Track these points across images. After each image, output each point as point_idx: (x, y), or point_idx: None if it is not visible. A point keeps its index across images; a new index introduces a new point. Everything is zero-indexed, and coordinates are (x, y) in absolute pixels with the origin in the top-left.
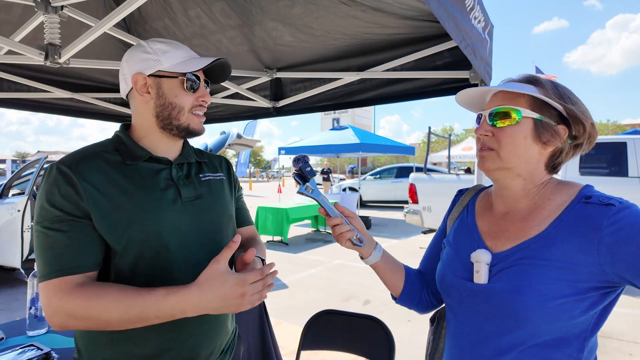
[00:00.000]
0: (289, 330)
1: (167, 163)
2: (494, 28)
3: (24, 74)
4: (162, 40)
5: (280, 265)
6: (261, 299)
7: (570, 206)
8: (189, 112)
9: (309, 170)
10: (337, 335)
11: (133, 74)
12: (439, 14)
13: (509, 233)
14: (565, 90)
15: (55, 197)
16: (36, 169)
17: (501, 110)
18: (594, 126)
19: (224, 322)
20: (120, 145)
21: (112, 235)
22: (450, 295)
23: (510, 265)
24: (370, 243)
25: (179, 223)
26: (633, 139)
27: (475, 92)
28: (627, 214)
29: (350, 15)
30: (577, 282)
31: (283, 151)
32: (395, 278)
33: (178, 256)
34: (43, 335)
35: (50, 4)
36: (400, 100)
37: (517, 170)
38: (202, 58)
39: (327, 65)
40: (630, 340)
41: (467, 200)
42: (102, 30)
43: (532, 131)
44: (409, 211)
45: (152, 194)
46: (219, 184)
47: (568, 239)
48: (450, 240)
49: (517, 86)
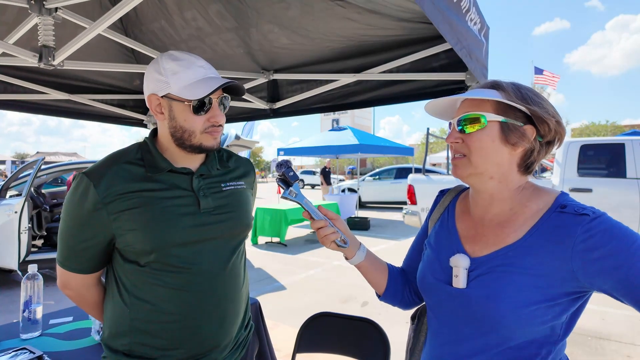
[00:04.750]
0: (285, 333)
1: (189, 173)
2: (489, 30)
3: (20, 75)
4: (176, 56)
5: (278, 266)
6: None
7: (547, 215)
8: (201, 134)
9: (292, 175)
10: (333, 338)
11: (148, 95)
12: (432, 16)
13: (487, 238)
14: (528, 91)
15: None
16: (33, 171)
17: (468, 117)
18: (559, 124)
19: (239, 315)
20: (146, 155)
21: (131, 246)
22: (430, 297)
23: (487, 271)
24: (354, 244)
25: (196, 233)
26: (631, 140)
27: (444, 102)
28: (599, 222)
29: (346, 18)
30: (550, 288)
31: (282, 152)
32: (379, 277)
33: (193, 265)
34: (36, 338)
35: (44, 5)
36: (396, 102)
37: (489, 174)
38: (212, 79)
39: (324, 66)
40: (629, 342)
41: (448, 201)
42: (97, 32)
43: (499, 134)
44: (407, 212)
45: (170, 204)
46: (241, 193)
47: (543, 247)
48: (431, 242)
49: (481, 92)
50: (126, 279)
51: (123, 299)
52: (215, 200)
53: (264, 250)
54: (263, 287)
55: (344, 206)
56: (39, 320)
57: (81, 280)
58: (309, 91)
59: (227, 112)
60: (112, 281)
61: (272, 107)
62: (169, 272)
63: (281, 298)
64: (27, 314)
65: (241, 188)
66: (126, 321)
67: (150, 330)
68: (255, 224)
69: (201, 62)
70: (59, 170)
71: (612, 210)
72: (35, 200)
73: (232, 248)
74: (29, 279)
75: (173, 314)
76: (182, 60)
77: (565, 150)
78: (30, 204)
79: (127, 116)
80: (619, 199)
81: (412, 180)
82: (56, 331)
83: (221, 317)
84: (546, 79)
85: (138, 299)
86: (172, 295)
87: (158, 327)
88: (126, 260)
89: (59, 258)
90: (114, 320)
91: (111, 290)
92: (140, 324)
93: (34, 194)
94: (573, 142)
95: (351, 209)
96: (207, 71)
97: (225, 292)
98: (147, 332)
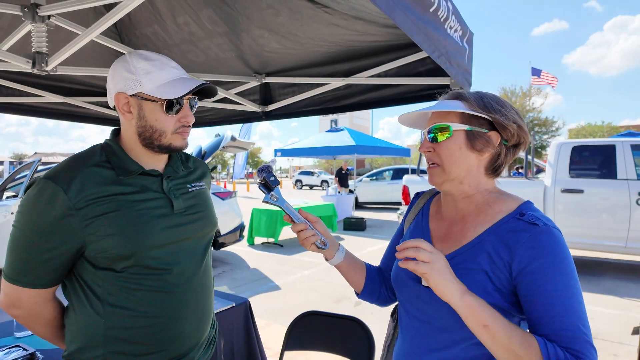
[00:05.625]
0: (276, 332)
1: (158, 175)
2: (473, 35)
3: (14, 78)
4: (147, 56)
5: (273, 267)
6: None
7: (505, 219)
8: (172, 134)
9: (273, 179)
10: (320, 336)
11: (115, 93)
12: (405, 27)
13: (454, 236)
14: (490, 99)
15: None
16: (30, 171)
17: (436, 127)
18: (521, 128)
19: (211, 313)
20: (112, 157)
21: (107, 252)
22: (402, 293)
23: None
24: (334, 245)
25: (172, 234)
26: (622, 142)
27: (414, 115)
28: (544, 236)
29: (332, 24)
30: (502, 288)
31: (279, 153)
32: (357, 276)
33: (172, 266)
34: (30, 336)
35: (37, 13)
36: (385, 105)
37: (459, 179)
38: (186, 80)
39: (314, 70)
40: (616, 340)
41: (422, 203)
42: (90, 38)
43: (465, 141)
44: (402, 212)
45: (144, 207)
46: (204, 193)
47: (496, 248)
48: None
49: (445, 105)
50: (98, 287)
51: (94, 308)
52: (185, 201)
53: (259, 251)
54: (258, 287)
55: (341, 207)
56: None
57: (36, 296)
58: (300, 94)
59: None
60: (78, 292)
61: (264, 110)
62: (148, 274)
63: (275, 298)
64: None
65: (204, 188)
66: (99, 331)
67: (128, 337)
68: (251, 225)
69: (173, 64)
70: None
71: (603, 210)
72: None
73: (203, 247)
74: None
75: (154, 317)
76: (154, 61)
77: (558, 151)
78: None
79: None
80: (610, 199)
81: (407, 182)
82: None
83: (199, 315)
84: (544, 80)
85: (114, 306)
86: (153, 298)
87: (138, 332)
88: (98, 267)
89: (10, 274)
90: (83, 333)
91: (77, 301)
92: (117, 332)
93: None
94: (565, 143)
95: (348, 210)
96: (179, 72)
97: (202, 290)
98: (125, 339)
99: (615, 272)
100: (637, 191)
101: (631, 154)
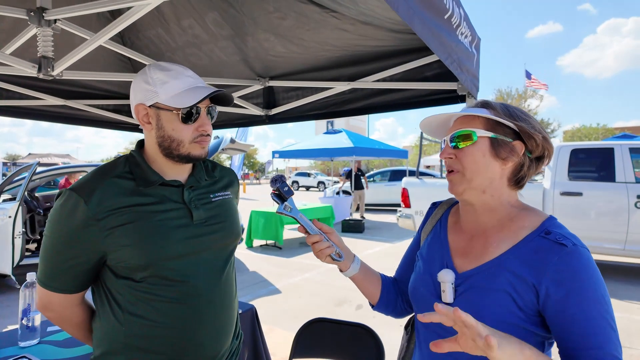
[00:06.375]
0: (281, 337)
1: (179, 186)
2: (480, 40)
3: (15, 81)
4: (164, 67)
5: (273, 269)
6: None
7: (530, 236)
8: (190, 143)
9: (287, 190)
10: (328, 344)
11: (135, 104)
12: (423, 35)
13: (475, 252)
14: (515, 109)
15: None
16: (28, 175)
17: (460, 134)
18: (546, 140)
19: (232, 324)
20: (135, 168)
21: (125, 262)
22: (419, 308)
23: (470, 287)
24: (349, 257)
25: (190, 245)
26: (620, 145)
27: (437, 119)
28: (572, 258)
29: (340, 28)
30: (526, 308)
31: (277, 154)
32: (373, 288)
33: (189, 278)
34: (35, 346)
35: (43, 17)
36: (390, 110)
37: (481, 188)
38: (201, 89)
39: (319, 74)
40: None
41: (440, 214)
42: (98, 44)
43: (489, 149)
44: (401, 215)
45: (162, 218)
46: (229, 203)
47: (520, 267)
48: (423, 254)
49: (471, 110)
50: (119, 295)
51: (116, 316)
52: (206, 211)
53: (258, 254)
54: (258, 291)
55: (339, 209)
56: (38, 327)
57: (64, 301)
58: (304, 98)
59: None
60: (103, 299)
61: (268, 114)
62: (166, 285)
63: (276, 301)
64: (25, 321)
65: (228, 198)
66: (120, 339)
67: (146, 346)
68: (250, 227)
69: (189, 73)
70: (52, 174)
71: (601, 213)
72: (29, 204)
73: (225, 258)
74: (27, 287)
75: (171, 328)
76: (170, 71)
77: (557, 154)
78: (24, 208)
79: (123, 121)
80: (608, 202)
81: (406, 184)
82: (54, 338)
83: (218, 327)
84: (534, 84)
85: (133, 315)
86: (170, 309)
87: (155, 342)
88: (119, 276)
89: (41, 278)
90: (107, 339)
91: (102, 308)
92: (136, 340)
93: (28, 197)
94: (564, 146)
95: (346, 212)
96: (195, 81)
97: (221, 302)
98: (144, 348)
99: (614, 275)
100: (636, 194)
101: (629, 157)
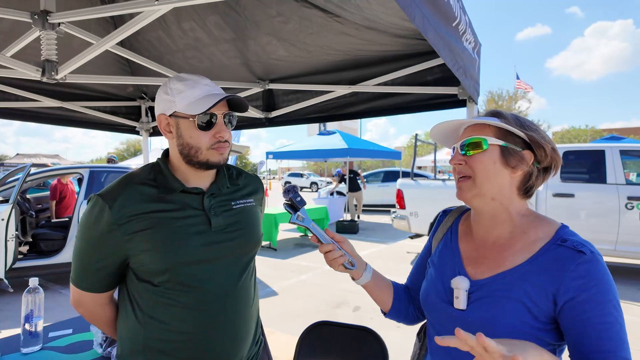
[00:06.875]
0: (282, 340)
1: (200, 193)
2: (481, 46)
3: (12, 83)
4: (182, 77)
5: (269, 271)
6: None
7: (547, 246)
8: (207, 150)
9: (299, 200)
10: (332, 347)
11: (158, 115)
12: (435, 43)
13: (488, 261)
14: (525, 120)
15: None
16: (21, 178)
17: (471, 141)
18: (555, 150)
19: (250, 332)
20: (158, 175)
21: (145, 266)
22: (432, 315)
23: (486, 295)
24: (361, 265)
25: (207, 252)
26: (611, 147)
27: (448, 126)
28: (591, 266)
29: (343, 33)
30: (541, 316)
31: (271, 155)
32: (384, 295)
33: (205, 284)
34: (37, 352)
35: (47, 20)
36: (391, 114)
37: (491, 195)
38: (215, 95)
39: (319, 78)
40: None
41: (450, 222)
42: (104, 48)
43: (499, 157)
44: (396, 216)
45: (182, 224)
46: (250, 210)
47: (540, 277)
48: (435, 261)
49: (483, 119)
50: (140, 298)
51: (137, 317)
52: (226, 218)
53: None
54: None
55: (333, 210)
56: (40, 333)
57: (94, 299)
58: (304, 101)
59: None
60: (126, 300)
61: (268, 116)
62: (182, 291)
63: (273, 304)
64: (28, 327)
65: (250, 205)
66: (140, 340)
67: (164, 349)
68: None
69: (206, 81)
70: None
71: (593, 214)
72: (21, 206)
73: (243, 265)
74: (30, 293)
75: (186, 333)
76: (188, 81)
77: None
78: (17, 210)
79: (119, 123)
80: (600, 203)
81: (401, 185)
82: (57, 344)
83: (233, 334)
84: (520, 85)
85: (152, 318)
86: (185, 314)
87: (172, 346)
88: (140, 279)
89: (73, 277)
90: (128, 339)
91: (125, 308)
92: (154, 342)
93: (19, 199)
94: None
95: (340, 212)
96: (211, 88)
97: (237, 309)
98: (161, 350)
99: None
100: (626, 195)
101: (620, 159)
